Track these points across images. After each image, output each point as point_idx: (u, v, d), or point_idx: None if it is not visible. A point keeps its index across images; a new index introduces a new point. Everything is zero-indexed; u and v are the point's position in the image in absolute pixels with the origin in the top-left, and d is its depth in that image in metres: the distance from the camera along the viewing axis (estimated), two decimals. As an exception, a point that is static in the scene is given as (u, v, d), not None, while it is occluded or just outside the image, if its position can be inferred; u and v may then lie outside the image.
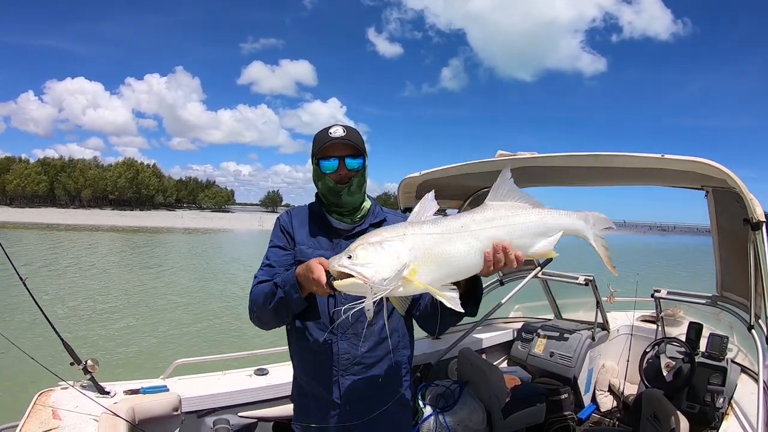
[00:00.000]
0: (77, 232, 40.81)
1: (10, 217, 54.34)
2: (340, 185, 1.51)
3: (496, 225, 1.20)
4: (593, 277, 3.38)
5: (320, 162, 1.52)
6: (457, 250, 1.15)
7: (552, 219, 1.25)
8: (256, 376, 2.52)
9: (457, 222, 1.18)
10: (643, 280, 4.05)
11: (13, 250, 16.42)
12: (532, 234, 1.22)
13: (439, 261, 1.14)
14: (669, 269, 24.11)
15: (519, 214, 1.22)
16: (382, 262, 1.08)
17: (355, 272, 1.07)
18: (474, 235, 1.17)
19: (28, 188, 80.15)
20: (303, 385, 1.62)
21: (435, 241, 1.14)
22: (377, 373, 1.54)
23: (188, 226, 55.53)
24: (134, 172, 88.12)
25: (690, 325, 3.13)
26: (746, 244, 2.19)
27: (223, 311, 10.73)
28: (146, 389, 2.18)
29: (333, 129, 1.52)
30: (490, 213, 1.21)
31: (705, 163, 1.86)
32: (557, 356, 3.36)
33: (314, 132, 1.58)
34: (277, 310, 1.42)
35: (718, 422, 2.53)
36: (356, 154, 1.52)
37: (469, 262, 1.17)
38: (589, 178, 2.72)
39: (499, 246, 1.18)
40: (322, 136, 1.52)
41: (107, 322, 9.33)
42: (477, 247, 1.17)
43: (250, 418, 2.37)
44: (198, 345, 7.98)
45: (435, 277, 1.14)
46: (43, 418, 1.82)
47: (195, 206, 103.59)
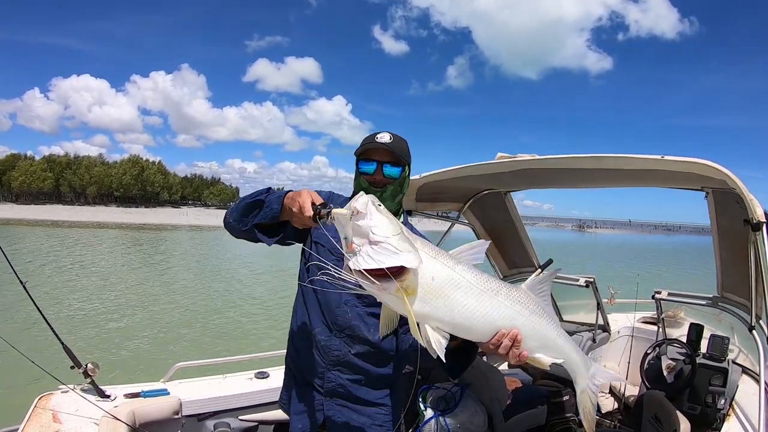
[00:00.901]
0: (82, 229, 40.75)
1: (15, 214, 54.25)
2: (374, 188, 1.51)
3: (522, 312, 1.11)
4: (594, 279, 3.38)
5: (360, 162, 1.55)
6: (476, 305, 1.05)
7: (563, 343, 1.21)
8: (257, 379, 2.52)
9: (492, 283, 1.08)
10: (646, 281, 4.05)
11: (16, 248, 16.48)
12: (541, 341, 1.16)
13: (450, 303, 1.02)
14: (672, 269, 24.06)
15: (544, 317, 1.16)
16: (389, 230, 0.97)
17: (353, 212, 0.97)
18: (500, 305, 1.08)
19: (33, 185, 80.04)
20: (291, 366, 1.67)
21: (459, 283, 1.03)
22: (362, 377, 1.54)
23: (193, 223, 55.32)
24: (139, 169, 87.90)
25: (691, 326, 3.12)
26: (746, 245, 2.19)
27: (225, 313, 10.71)
28: (147, 393, 2.18)
29: (380, 135, 1.54)
30: (524, 296, 1.13)
31: (704, 164, 1.86)
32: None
33: (319, 130, 1.61)
34: (249, 208, 1.43)
35: (720, 423, 2.53)
36: (396, 163, 1.53)
37: (478, 325, 1.07)
38: (589, 180, 2.72)
39: (515, 333, 1.10)
40: (367, 139, 1.55)
41: (107, 324, 9.30)
42: (495, 317, 1.08)
43: (251, 422, 2.37)
44: (198, 348, 7.96)
45: (431, 314, 1.02)
46: (44, 422, 1.82)
47: (200, 203, 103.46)
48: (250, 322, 9.94)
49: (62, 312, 9.93)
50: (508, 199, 3.32)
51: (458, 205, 3.37)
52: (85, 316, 9.88)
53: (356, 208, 0.98)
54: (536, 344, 1.15)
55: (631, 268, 19.42)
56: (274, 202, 1.37)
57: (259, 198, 1.42)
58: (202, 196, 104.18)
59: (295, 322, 1.63)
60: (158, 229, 45.13)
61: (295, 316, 1.64)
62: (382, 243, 0.95)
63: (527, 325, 1.13)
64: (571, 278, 3.49)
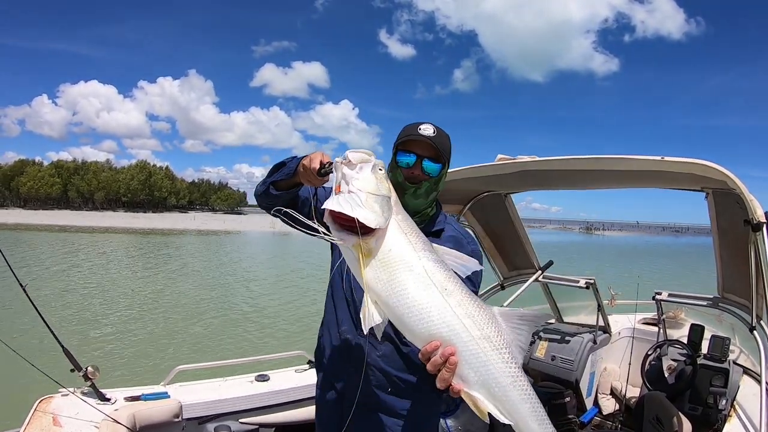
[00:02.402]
0: (89, 234, 40.72)
1: (23, 219, 54.30)
2: (409, 183, 1.42)
3: (471, 331, 0.95)
4: (594, 280, 3.38)
5: (398, 153, 1.44)
6: (416, 295, 0.95)
7: (519, 401, 0.99)
8: (257, 382, 2.51)
9: (451, 283, 0.97)
10: (653, 282, 4.04)
11: (21, 251, 16.58)
12: (483, 380, 0.96)
13: (392, 280, 0.96)
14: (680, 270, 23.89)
15: (499, 353, 0.96)
16: (369, 187, 0.98)
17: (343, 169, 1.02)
18: (444, 308, 0.95)
19: (41, 190, 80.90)
20: (317, 364, 1.65)
21: (413, 266, 0.96)
22: (384, 381, 1.47)
23: (200, 228, 55.36)
24: (147, 174, 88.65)
25: (691, 327, 3.12)
26: (747, 246, 2.19)
27: (225, 316, 10.69)
28: (147, 396, 2.18)
29: (424, 126, 1.42)
30: (483, 316, 0.97)
31: (704, 164, 1.86)
32: (559, 360, 3.35)
33: (327, 134, 1.59)
34: (272, 170, 1.44)
35: (721, 424, 2.53)
36: (437, 159, 1.42)
37: (411, 320, 0.96)
38: (589, 181, 2.73)
39: (450, 351, 0.95)
40: (409, 129, 1.44)
41: (108, 327, 9.29)
42: (434, 320, 0.95)
43: (252, 425, 2.36)
44: (199, 351, 7.95)
45: (373, 285, 0.97)
46: (44, 425, 1.81)
47: (207, 208, 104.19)
48: (250, 325, 9.92)
49: (63, 315, 9.91)
50: (508, 200, 3.32)
51: (458, 207, 3.37)
52: (85, 319, 9.86)
53: (350, 158, 1.02)
54: (475, 379, 0.96)
55: (638, 269, 19.34)
56: (292, 162, 1.37)
57: (282, 161, 1.43)
58: (210, 201, 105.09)
59: (324, 318, 1.60)
60: (165, 234, 45.08)
61: (325, 314, 1.60)
62: (354, 194, 0.97)
63: (471, 350, 0.95)
64: (571, 280, 3.48)
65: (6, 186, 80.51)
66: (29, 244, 26.92)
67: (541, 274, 3.58)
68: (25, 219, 55.41)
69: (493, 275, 3.67)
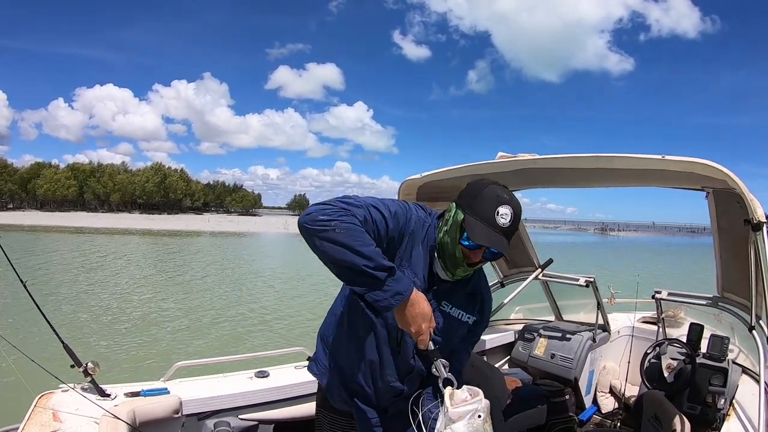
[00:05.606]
0: (104, 235, 40.63)
1: (40, 221, 54.21)
2: (466, 265, 1.37)
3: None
4: (594, 279, 3.38)
5: (466, 232, 1.31)
6: None
7: None
8: (257, 378, 2.51)
9: None
10: (650, 281, 4.04)
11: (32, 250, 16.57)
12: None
13: None
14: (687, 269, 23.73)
15: None
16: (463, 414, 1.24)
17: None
18: None
19: (57, 193, 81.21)
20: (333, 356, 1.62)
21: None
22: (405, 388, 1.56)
23: (215, 230, 55.19)
24: (162, 176, 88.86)
25: (691, 326, 3.12)
26: (747, 245, 2.19)
27: (226, 312, 10.71)
28: (147, 392, 2.18)
29: (503, 211, 1.28)
30: None
31: (705, 164, 1.86)
32: (558, 358, 3.35)
33: (342, 136, 1.55)
34: (353, 269, 1.17)
35: (720, 423, 2.53)
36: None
37: None
38: (590, 180, 2.72)
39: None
40: (486, 210, 1.29)
41: (108, 323, 9.30)
42: None
43: (251, 421, 2.37)
44: (199, 347, 7.96)
45: None
46: (44, 421, 1.82)
47: (222, 210, 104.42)
48: (250, 322, 9.94)
49: (63, 311, 9.94)
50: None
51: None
52: (86, 315, 9.88)
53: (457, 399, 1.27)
54: None
55: (639, 269, 19.26)
56: (390, 299, 1.21)
57: (375, 274, 1.18)
58: (225, 203, 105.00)
59: (354, 317, 1.55)
60: (179, 235, 44.91)
61: (356, 308, 1.51)
62: None
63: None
64: (571, 278, 3.49)
65: (23, 188, 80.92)
66: (41, 243, 26.94)
67: (540, 272, 3.58)
68: (42, 221, 55.37)
69: (492, 272, 3.67)
